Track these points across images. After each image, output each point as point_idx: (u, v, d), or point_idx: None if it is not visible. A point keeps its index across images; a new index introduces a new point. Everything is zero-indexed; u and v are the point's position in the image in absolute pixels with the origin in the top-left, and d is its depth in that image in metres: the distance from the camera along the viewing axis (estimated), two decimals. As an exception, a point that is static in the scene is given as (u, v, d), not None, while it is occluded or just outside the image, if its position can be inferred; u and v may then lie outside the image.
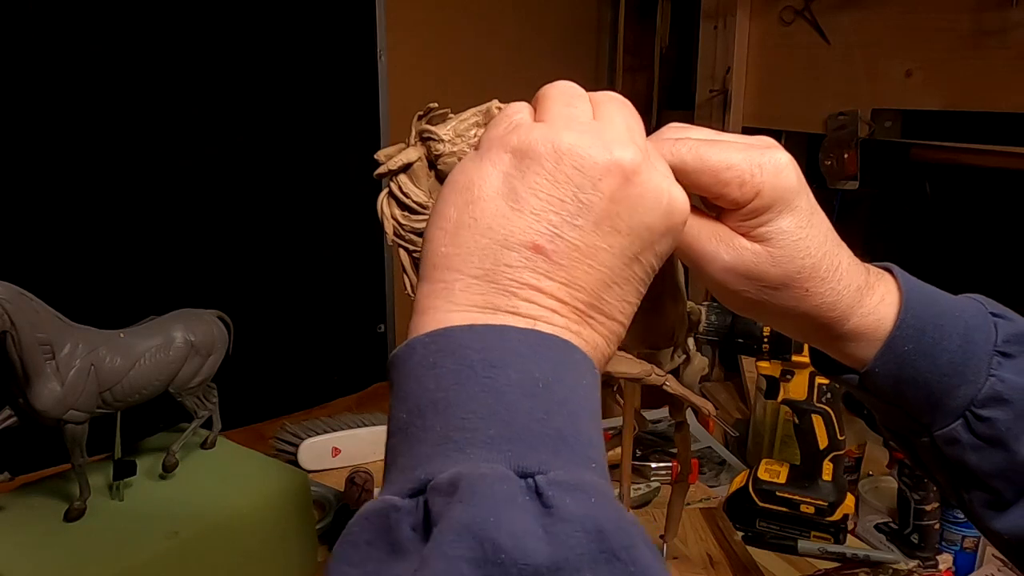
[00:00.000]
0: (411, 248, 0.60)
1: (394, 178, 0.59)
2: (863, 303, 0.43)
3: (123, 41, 1.10)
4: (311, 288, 1.36)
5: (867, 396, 0.46)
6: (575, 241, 0.33)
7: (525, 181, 0.33)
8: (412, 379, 0.31)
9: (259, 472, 0.86)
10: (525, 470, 0.28)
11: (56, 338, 0.71)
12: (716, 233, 0.42)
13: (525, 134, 0.34)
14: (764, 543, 1.01)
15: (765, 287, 0.42)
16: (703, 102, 1.54)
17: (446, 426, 0.29)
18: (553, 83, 0.39)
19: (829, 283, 0.42)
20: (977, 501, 0.45)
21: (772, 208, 0.41)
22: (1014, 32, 1.07)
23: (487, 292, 0.32)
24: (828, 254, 0.42)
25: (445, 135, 0.57)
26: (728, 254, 0.41)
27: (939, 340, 0.43)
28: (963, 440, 0.43)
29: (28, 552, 0.69)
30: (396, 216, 0.59)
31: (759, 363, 1.03)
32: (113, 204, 1.13)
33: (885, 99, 1.24)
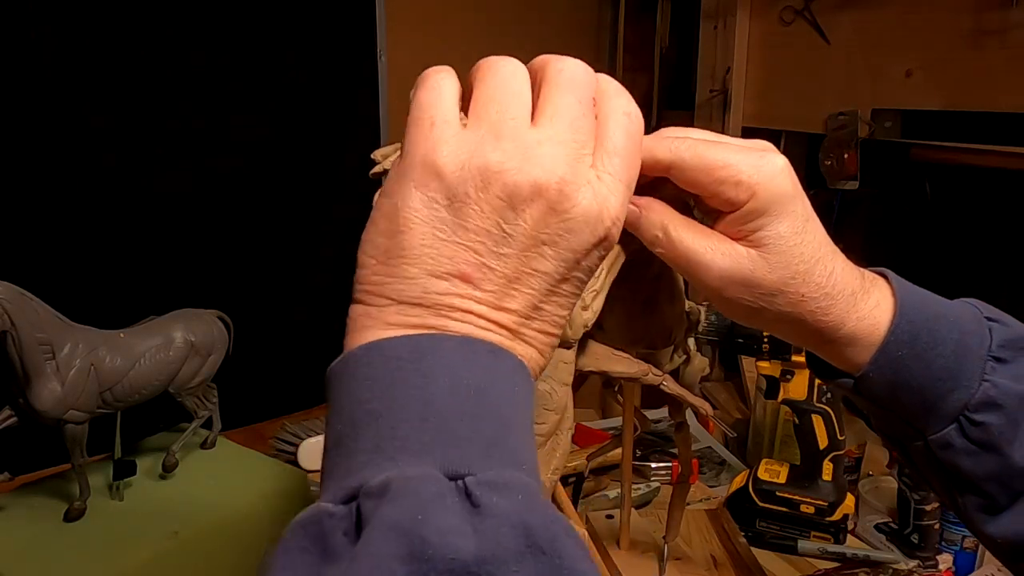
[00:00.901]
0: None
1: None
2: (857, 308, 0.43)
3: (123, 41, 1.10)
4: (311, 288, 1.36)
5: (862, 400, 0.46)
6: (502, 270, 0.33)
7: (451, 208, 0.33)
8: (346, 392, 0.32)
9: (259, 472, 0.86)
10: (454, 472, 0.28)
11: (56, 338, 0.71)
12: (711, 241, 0.42)
13: (448, 154, 0.33)
14: (764, 543, 1.01)
15: (761, 294, 0.42)
16: (703, 102, 1.54)
17: (378, 436, 0.29)
18: (492, 66, 0.37)
19: (824, 288, 0.42)
20: (971, 505, 0.45)
21: (767, 212, 0.41)
22: (1014, 32, 1.07)
23: (420, 315, 0.33)
24: (822, 260, 0.42)
25: None
26: (724, 261, 0.41)
27: (933, 345, 0.43)
28: (957, 445, 0.43)
29: (28, 552, 0.69)
30: None
31: (759, 363, 1.03)
32: (113, 204, 1.13)
33: (885, 99, 1.24)
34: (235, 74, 1.21)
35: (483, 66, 0.37)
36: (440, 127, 0.34)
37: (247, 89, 1.22)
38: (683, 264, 0.43)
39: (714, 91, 1.50)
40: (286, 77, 1.26)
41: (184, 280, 1.20)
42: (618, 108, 0.36)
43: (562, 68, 0.36)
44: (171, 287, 1.18)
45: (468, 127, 0.35)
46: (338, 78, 1.32)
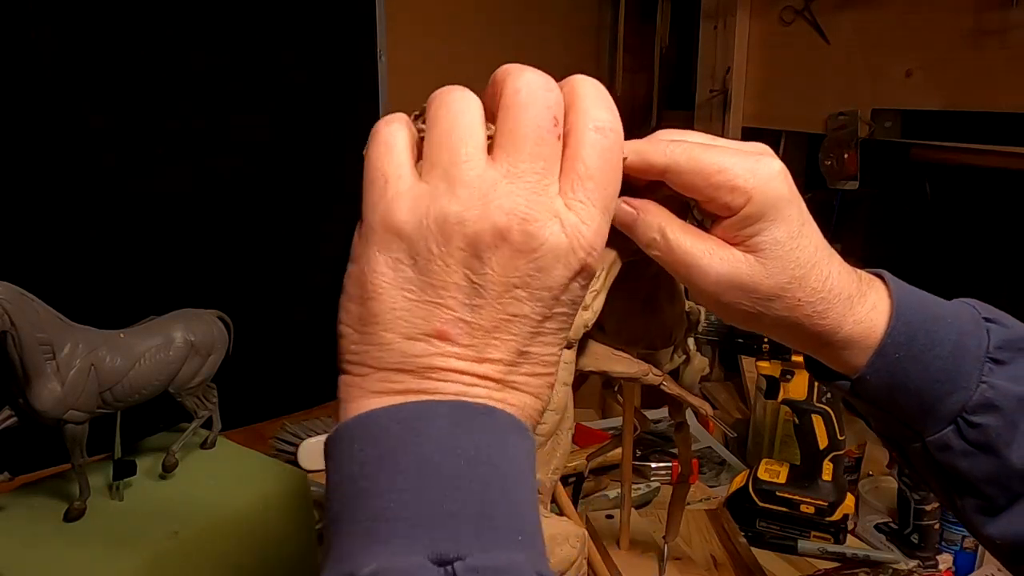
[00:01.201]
0: None
1: None
2: (854, 311, 0.43)
3: (123, 41, 1.10)
4: (311, 288, 1.36)
5: (859, 402, 0.46)
6: (479, 321, 0.32)
7: (416, 267, 0.32)
8: (338, 469, 0.31)
9: (259, 472, 0.86)
10: (443, 557, 0.28)
11: (56, 338, 0.71)
12: (707, 246, 0.42)
13: (406, 211, 0.32)
14: (764, 543, 1.01)
15: (758, 299, 0.42)
16: (703, 102, 1.54)
17: (370, 516, 0.29)
18: (442, 102, 0.35)
19: (820, 293, 0.42)
20: (969, 507, 0.45)
21: (764, 217, 0.41)
22: (1014, 32, 1.07)
23: (404, 380, 0.32)
24: (818, 264, 0.42)
25: None
26: (721, 265, 0.41)
27: (930, 347, 0.43)
28: (955, 446, 0.43)
29: (28, 552, 0.69)
30: None
31: (759, 363, 1.03)
32: (113, 204, 1.13)
33: (885, 99, 1.24)
34: (235, 74, 1.21)
35: (433, 102, 0.36)
36: (393, 183, 0.33)
37: (247, 89, 1.22)
38: (680, 268, 0.42)
39: (714, 91, 1.50)
40: (286, 77, 1.26)
41: (184, 280, 1.20)
42: (588, 123, 0.35)
43: (518, 88, 0.35)
44: (171, 287, 1.18)
45: (423, 176, 0.33)
46: (338, 78, 1.32)
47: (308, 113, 1.30)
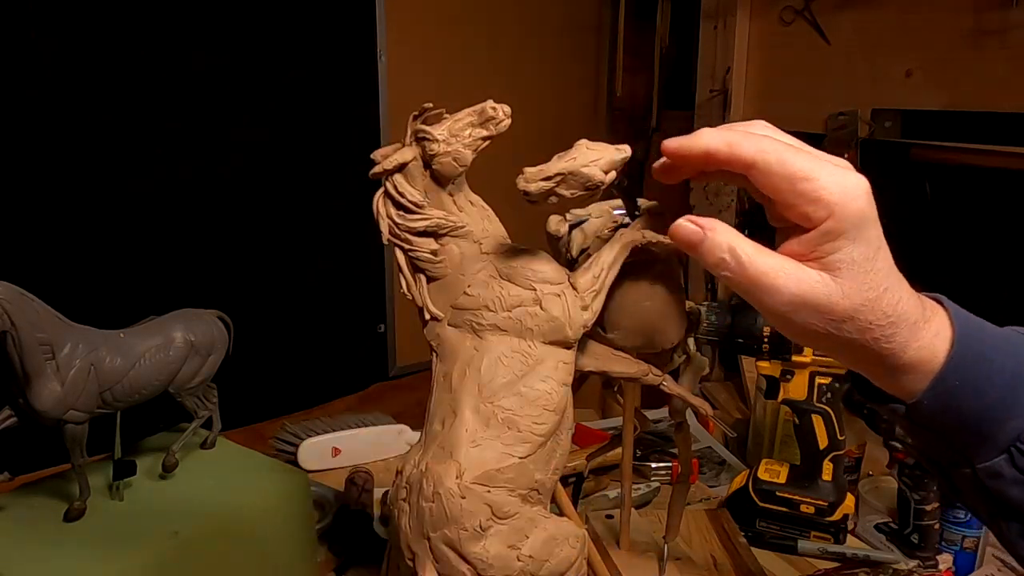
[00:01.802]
0: (406, 247, 0.60)
1: (390, 178, 0.59)
2: (919, 337, 0.42)
3: (123, 41, 1.10)
4: (311, 288, 1.36)
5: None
6: None
7: None
8: None
9: (259, 472, 0.86)
10: None
11: (56, 338, 0.71)
12: (781, 265, 0.40)
13: None
14: (764, 543, 1.00)
15: (831, 320, 0.41)
16: (703, 102, 1.54)
17: None
18: None
19: (890, 317, 0.41)
20: (1014, 531, 0.44)
21: (844, 234, 0.40)
22: (1014, 32, 1.07)
23: None
24: (891, 288, 0.41)
25: (440, 135, 0.57)
26: (796, 285, 0.40)
27: (989, 375, 0.42)
28: (1006, 475, 0.43)
29: (28, 552, 0.69)
30: (391, 215, 0.60)
31: (759, 363, 1.03)
32: (113, 204, 1.13)
33: (885, 99, 1.24)
34: (235, 74, 1.21)
35: None
36: None
37: (247, 89, 1.22)
38: (751, 287, 0.41)
39: (714, 91, 1.50)
40: (286, 77, 1.26)
41: (184, 280, 1.20)
42: None
43: None
44: (171, 287, 1.19)
45: None
46: (338, 78, 1.32)
47: (308, 113, 1.30)
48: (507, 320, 0.58)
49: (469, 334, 0.59)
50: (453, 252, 0.60)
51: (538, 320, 0.58)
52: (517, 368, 0.58)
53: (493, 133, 0.58)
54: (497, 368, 0.57)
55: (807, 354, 0.98)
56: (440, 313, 0.61)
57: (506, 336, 0.58)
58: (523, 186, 0.54)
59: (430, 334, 0.61)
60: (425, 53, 1.42)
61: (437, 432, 0.57)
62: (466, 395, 0.57)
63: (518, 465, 0.56)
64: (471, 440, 0.56)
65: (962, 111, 1.14)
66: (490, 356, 0.58)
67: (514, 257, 0.60)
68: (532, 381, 0.58)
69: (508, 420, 0.57)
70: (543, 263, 0.60)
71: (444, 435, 0.56)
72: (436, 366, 0.61)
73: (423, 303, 0.61)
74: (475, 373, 0.57)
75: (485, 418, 0.56)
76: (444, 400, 0.58)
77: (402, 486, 0.57)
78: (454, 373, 0.58)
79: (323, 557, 0.95)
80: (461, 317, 0.60)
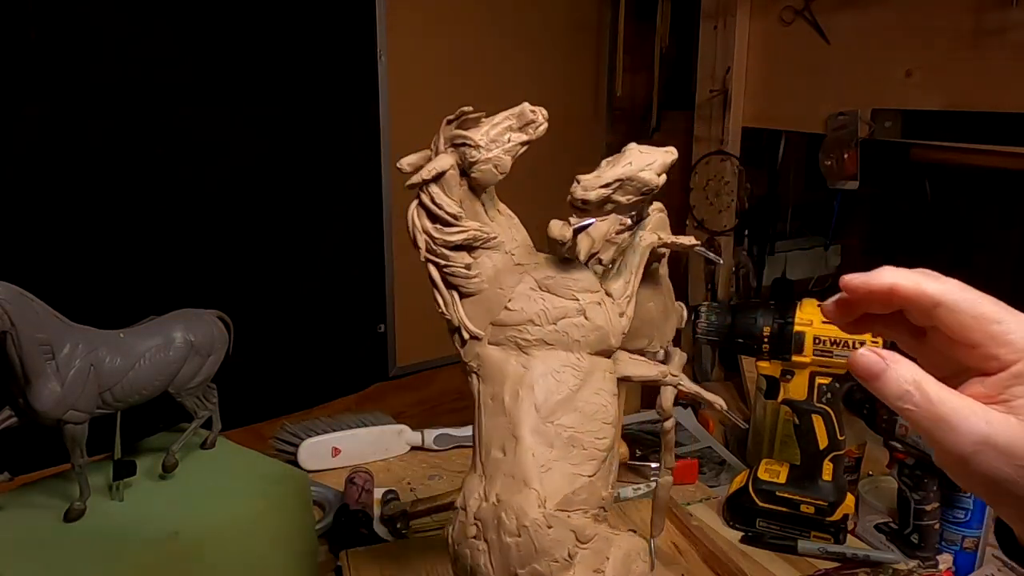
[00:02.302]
0: (442, 263, 0.56)
1: (425, 188, 0.55)
2: None
3: (123, 41, 1.10)
4: (311, 288, 1.36)
5: None
6: None
7: None
8: None
9: (259, 472, 0.86)
10: None
11: (56, 338, 0.71)
12: (968, 404, 0.39)
13: None
14: (764, 543, 1.00)
15: (1020, 465, 0.39)
16: (703, 102, 1.54)
17: None
18: None
19: None
20: None
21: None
22: (1014, 32, 1.07)
23: None
24: None
25: (480, 140, 0.54)
26: (986, 427, 0.39)
27: None
28: None
29: (28, 552, 0.69)
30: (428, 229, 0.56)
31: (759, 363, 1.03)
32: (113, 204, 1.13)
33: (885, 99, 1.24)
34: (235, 74, 1.21)
35: None
36: None
37: (247, 89, 1.22)
38: (936, 423, 0.40)
39: (714, 91, 1.50)
40: (286, 77, 1.26)
41: (184, 280, 1.20)
42: None
43: None
44: (171, 287, 1.18)
45: None
46: (338, 78, 1.32)
47: (308, 113, 1.29)
48: (553, 333, 0.56)
49: (513, 352, 0.56)
50: (487, 265, 0.56)
51: (584, 331, 0.56)
52: (571, 383, 0.55)
53: (532, 137, 0.55)
54: (551, 385, 0.55)
55: (807, 354, 0.98)
56: (480, 332, 0.57)
57: (553, 350, 0.56)
58: (581, 194, 0.51)
59: (469, 355, 0.58)
60: (425, 53, 1.42)
61: (499, 460, 0.54)
62: (523, 416, 0.54)
63: (589, 485, 0.55)
64: (540, 465, 0.53)
65: (962, 111, 1.13)
66: (541, 373, 0.55)
67: (551, 267, 0.57)
68: (587, 395, 0.56)
69: (572, 439, 0.54)
70: (580, 271, 0.58)
71: (510, 463, 0.53)
72: (479, 388, 0.57)
73: (460, 322, 0.57)
74: (528, 392, 0.55)
75: (548, 439, 0.54)
76: (498, 425, 0.55)
77: (470, 523, 0.53)
78: (504, 395, 0.55)
79: (323, 557, 0.95)
80: (503, 334, 0.56)
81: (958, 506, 0.97)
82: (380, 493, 1.06)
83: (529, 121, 0.54)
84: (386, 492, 1.07)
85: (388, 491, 1.07)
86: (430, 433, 1.25)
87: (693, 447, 1.27)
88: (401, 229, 1.43)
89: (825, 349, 0.97)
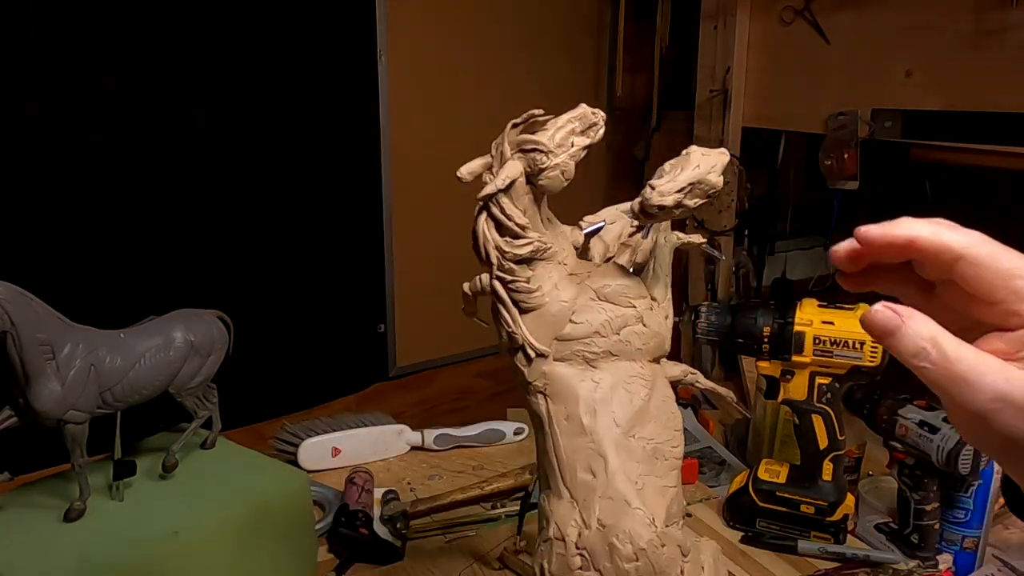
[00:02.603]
0: (508, 279, 0.53)
1: (495, 198, 0.52)
2: None
3: (123, 41, 1.10)
4: (311, 288, 1.36)
5: None
6: None
7: None
8: None
9: (259, 472, 0.86)
10: None
11: (56, 338, 0.71)
12: (986, 360, 0.39)
13: None
14: (764, 543, 1.00)
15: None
16: (703, 102, 1.54)
17: None
18: None
19: None
20: None
21: None
22: (1014, 32, 1.07)
23: None
24: None
25: (549, 145, 0.51)
26: (1005, 384, 0.38)
27: None
28: None
29: (28, 552, 0.69)
30: (499, 243, 0.52)
31: (759, 363, 1.03)
32: (113, 204, 1.13)
33: (885, 99, 1.24)
34: (235, 74, 1.21)
35: None
36: None
37: (247, 89, 1.22)
38: (953, 380, 0.39)
39: (714, 91, 1.50)
40: (286, 77, 1.26)
41: (184, 280, 1.20)
42: None
43: None
44: (171, 287, 1.19)
45: None
46: (338, 78, 1.32)
47: (308, 113, 1.30)
48: (617, 344, 0.54)
49: (581, 366, 0.54)
50: (544, 278, 0.53)
51: (644, 338, 0.55)
52: (641, 393, 0.54)
53: (593, 141, 0.53)
54: (624, 397, 0.53)
55: (807, 354, 0.98)
56: (546, 349, 0.54)
57: (618, 361, 0.54)
58: (658, 200, 0.49)
59: (534, 374, 0.54)
60: (425, 53, 1.42)
61: (589, 482, 0.52)
62: (605, 434, 0.52)
63: (676, 495, 0.54)
64: (634, 482, 0.51)
65: (962, 111, 1.13)
66: (612, 386, 0.53)
67: (603, 275, 0.55)
68: (656, 403, 0.54)
69: (655, 450, 0.53)
70: (630, 278, 0.56)
71: (603, 484, 0.51)
72: (548, 409, 0.54)
73: (526, 340, 0.53)
74: (605, 408, 0.53)
75: (633, 454, 0.52)
76: (580, 445, 0.53)
77: (572, 555, 0.51)
78: (580, 414, 0.53)
79: (323, 557, 0.95)
80: (569, 349, 0.54)
81: (958, 506, 0.97)
82: (380, 493, 1.06)
83: (591, 124, 0.52)
84: (386, 492, 1.07)
85: (388, 491, 1.07)
86: (430, 433, 1.25)
87: (693, 447, 1.27)
88: (401, 229, 1.43)
89: (825, 349, 0.97)
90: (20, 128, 1.04)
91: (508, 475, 1.11)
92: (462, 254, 1.13)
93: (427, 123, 1.44)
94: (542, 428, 0.54)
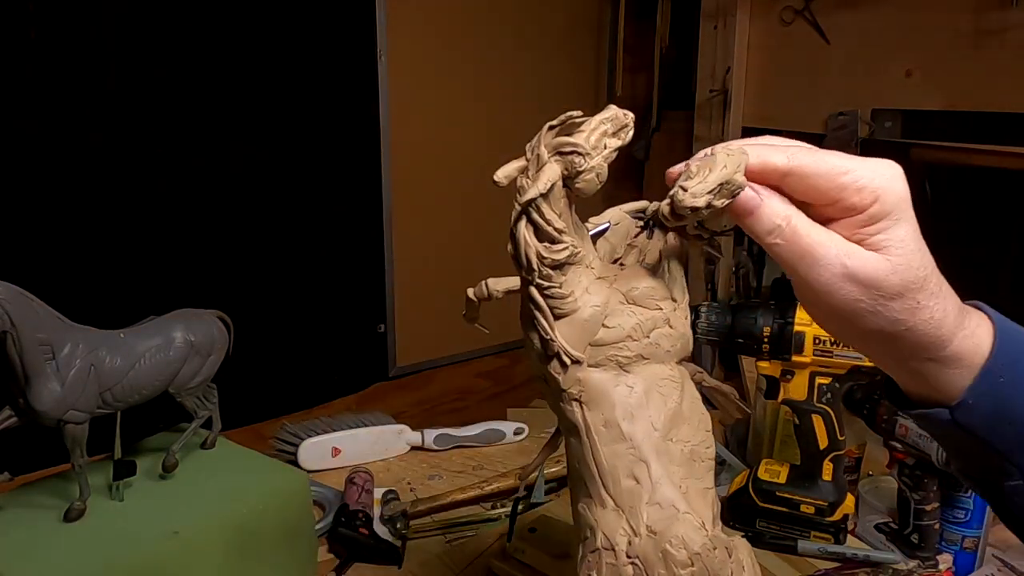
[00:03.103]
0: (545, 285, 0.52)
1: (534, 203, 0.50)
2: (964, 324, 0.42)
3: (122, 41, 1.10)
4: (311, 288, 1.36)
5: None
6: None
7: None
8: None
9: (259, 472, 0.86)
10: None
11: (56, 338, 0.71)
12: (832, 239, 0.41)
13: None
14: (764, 543, 1.01)
15: (880, 296, 0.41)
16: (703, 102, 1.54)
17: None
18: None
19: (937, 297, 0.41)
20: None
21: (890, 215, 0.40)
22: (1014, 32, 1.07)
23: None
24: (935, 269, 0.42)
25: (587, 147, 0.50)
26: (848, 260, 0.40)
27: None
28: None
29: (28, 552, 0.69)
30: (539, 249, 0.51)
31: (759, 363, 1.03)
32: (113, 204, 1.13)
33: (885, 99, 1.24)
34: (235, 74, 1.21)
35: None
36: None
37: (246, 90, 1.22)
38: (801, 256, 0.41)
39: (714, 91, 1.50)
40: (286, 77, 1.26)
41: (184, 280, 1.20)
42: None
43: None
44: (171, 287, 1.19)
45: None
46: (338, 78, 1.32)
47: (308, 113, 1.30)
48: (648, 347, 0.54)
49: (614, 371, 0.53)
50: (575, 283, 0.52)
51: (672, 340, 0.55)
52: (674, 395, 0.54)
53: (624, 142, 0.52)
54: (659, 401, 0.53)
55: (807, 354, 0.98)
56: (581, 355, 0.53)
57: (649, 364, 0.54)
58: (691, 202, 0.47)
59: (569, 381, 0.53)
60: (425, 53, 1.42)
61: (633, 488, 0.51)
62: (645, 439, 0.52)
63: (716, 497, 0.54)
64: (678, 486, 0.51)
65: (962, 111, 1.14)
66: (647, 389, 0.53)
67: (631, 278, 0.55)
68: (688, 405, 0.54)
69: (692, 452, 0.53)
70: (655, 279, 0.56)
71: (648, 490, 0.51)
72: (584, 416, 0.53)
73: (561, 348, 0.52)
74: (642, 412, 0.52)
75: (673, 457, 0.52)
76: (621, 452, 0.52)
77: (624, 564, 0.50)
78: (619, 420, 0.52)
79: (323, 557, 0.95)
80: (603, 354, 0.53)
81: (958, 506, 0.97)
82: (380, 493, 1.06)
83: (623, 125, 0.51)
84: (386, 492, 1.07)
85: (388, 491, 1.07)
86: (430, 433, 1.25)
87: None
88: (401, 229, 1.43)
89: (825, 349, 0.97)
90: (20, 128, 1.04)
91: (508, 475, 1.11)
92: (462, 254, 1.15)
93: (427, 123, 1.44)
94: (578, 436, 0.53)
